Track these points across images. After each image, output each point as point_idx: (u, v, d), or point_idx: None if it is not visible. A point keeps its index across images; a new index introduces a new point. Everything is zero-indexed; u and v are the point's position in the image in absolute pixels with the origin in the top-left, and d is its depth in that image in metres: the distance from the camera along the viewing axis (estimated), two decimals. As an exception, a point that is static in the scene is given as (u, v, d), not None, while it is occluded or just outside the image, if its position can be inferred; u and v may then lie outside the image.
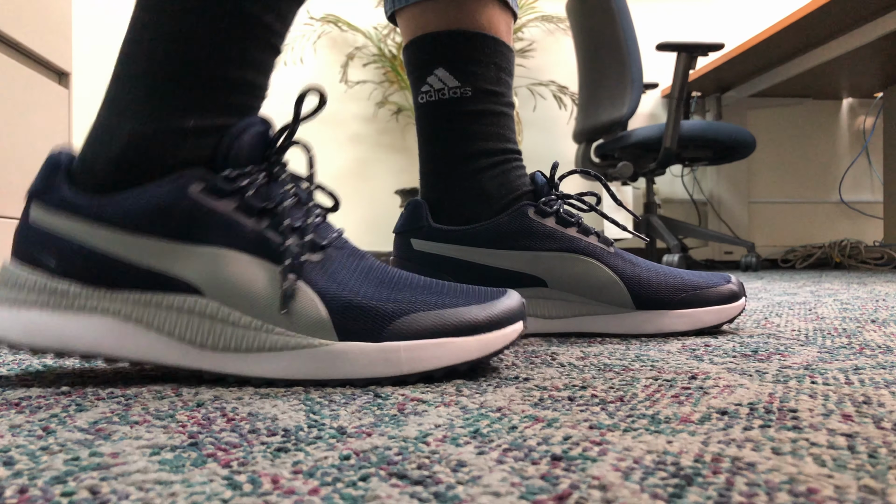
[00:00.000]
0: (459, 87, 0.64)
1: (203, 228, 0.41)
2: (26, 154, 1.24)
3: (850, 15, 1.85)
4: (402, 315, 0.42)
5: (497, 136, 0.65)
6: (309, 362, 0.41)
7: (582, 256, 0.63)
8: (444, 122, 0.65)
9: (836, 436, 0.28)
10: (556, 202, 0.64)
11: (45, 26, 1.30)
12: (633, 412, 0.33)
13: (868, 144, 2.78)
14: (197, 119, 0.42)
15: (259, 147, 0.43)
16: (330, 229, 0.45)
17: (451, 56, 0.63)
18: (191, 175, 0.41)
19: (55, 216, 0.42)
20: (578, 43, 2.36)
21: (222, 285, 0.41)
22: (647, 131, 2.13)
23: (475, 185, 0.65)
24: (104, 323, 0.41)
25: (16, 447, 0.28)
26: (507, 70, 0.66)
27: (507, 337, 0.44)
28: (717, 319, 0.63)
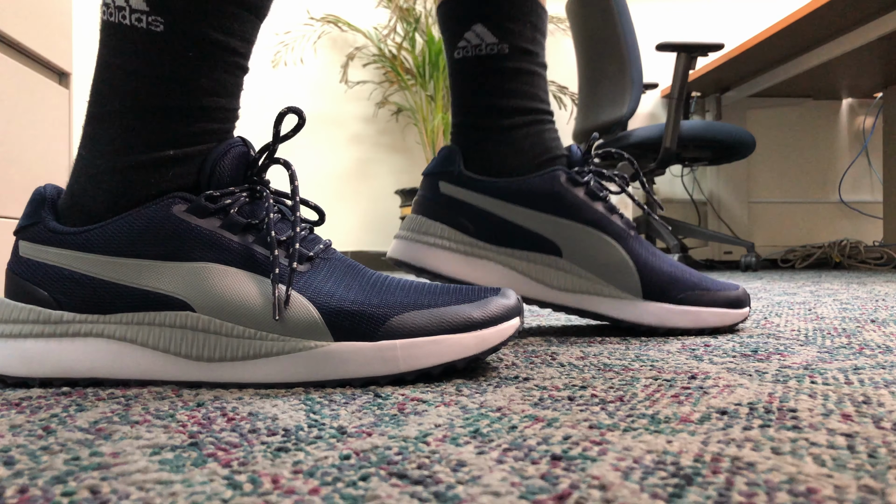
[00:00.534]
0: (497, 43, 0.64)
1: (189, 246, 0.42)
2: (26, 154, 1.24)
3: (850, 15, 1.85)
4: (396, 314, 0.42)
5: (531, 94, 0.66)
6: (305, 364, 0.41)
7: (602, 234, 0.62)
8: (480, 77, 0.65)
9: (835, 435, 0.28)
10: (588, 174, 0.64)
11: (45, 26, 1.30)
12: (632, 412, 0.33)
13: (868, 144, 2.78)
14: (175, 149, 0.43)
15: (241, 168, 0.44)
16: (317, 241, 0.46)
17: (490, 12, 0.64)
18: (174, 197, 0.42)
19: (44, 248, 0.43)
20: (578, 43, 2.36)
21: (212, 299, 0.41)
22: (647, 131, 2.14)
23: (509, 139, 0.65)
24: (100, 346, 0.42)
25: (16, 447, 0.28)
26: (541, 31, 0.66)
27: (504, 333, 0.44)
28: (719, 322, 0.63)
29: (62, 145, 1.39)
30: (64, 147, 1.39)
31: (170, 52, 0.42)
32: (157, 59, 0.42)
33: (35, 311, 0.42)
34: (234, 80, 0.45)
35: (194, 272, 0.41)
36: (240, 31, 0.44)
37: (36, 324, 0.42)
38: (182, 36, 0.42)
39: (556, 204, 0.62)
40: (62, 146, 1.38)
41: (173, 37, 0.42)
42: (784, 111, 2.75)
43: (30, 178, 1.25)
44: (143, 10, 0.41)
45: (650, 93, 2.75)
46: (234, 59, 0.44)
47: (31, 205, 0.44)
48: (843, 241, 2.54)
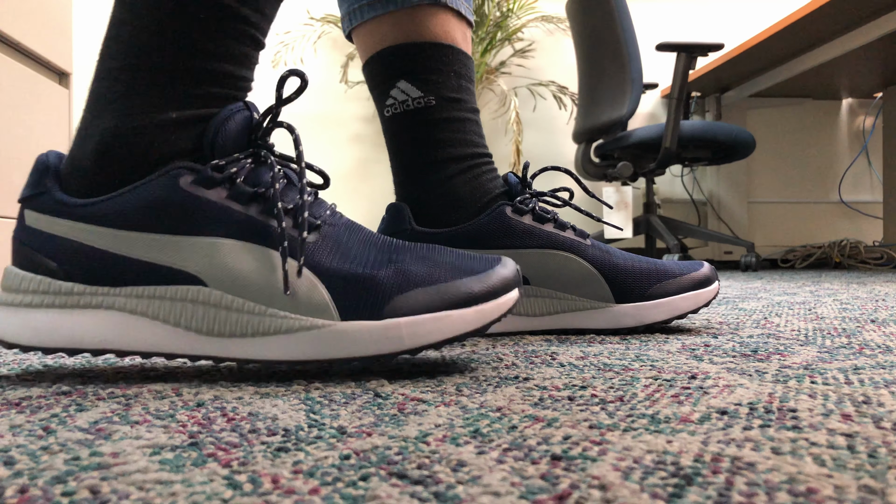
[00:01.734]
0: (423, 96, 0.65)
1: (198, 219, 0.42)
2: (26, 154, 1.24)
3: (850, 15, 1.85)
4: (400, 292, 0.42)
5: (464, 141, 0.67)
6: (313, 343, 0.41)
7: (561, 252, 0.64)
8: (411, 132, 0.66)
9: (835, 435, 0.28)
10: (531, 200, 0.66)
11: (45, 26, 1.30)
12: (632, 412, 0.33)
13: (868, 144, 2.78)
14: (178, 111, 0.42)
15: (244, 133, 0.44)
16: (322, 206, 0.46)
17: (412, 67, 0.65)
18: (180, 168, 0.42)
19: (52, 219, 0.43)
20: (578, 43, 2.36)
21: (223, 274, 0.42)
22: (647, 131, 2.14)
23: (448, 190, 0.66)
24: (110, 318, 0.42)
25: (16, 447, 0.28)
26: (467, 77, 0.67)
27: (504, 306, 0.45)
28: (694, 304, 0.65)
29: (62, 145, 1.39)
30: (64, 147, 1.39)
31: (181, 11, 0.42)
32: (167, 16, 0.42)
33: (45, 281, 0.42)
34: (243, 49, 0.45)
35: (207, 247, 0.42)
36: (253, 2, 0.44)
37: (46, 294, 0.42)
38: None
39: (508, 237, 0.64)
40: (62, 146, 1.38)
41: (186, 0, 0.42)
42: (784, 111, 2.75)
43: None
44: None
45: (650, 93, 2.75)
46: (246, 28, 0.44)
47: (35, 173, 0.44)
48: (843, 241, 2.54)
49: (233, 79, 0.45)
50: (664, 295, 0.64)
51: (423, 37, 0.64)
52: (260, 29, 0.45)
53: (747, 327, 0.68)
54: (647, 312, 0.64)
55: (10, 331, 0.43)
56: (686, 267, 0.66)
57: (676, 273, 0.65)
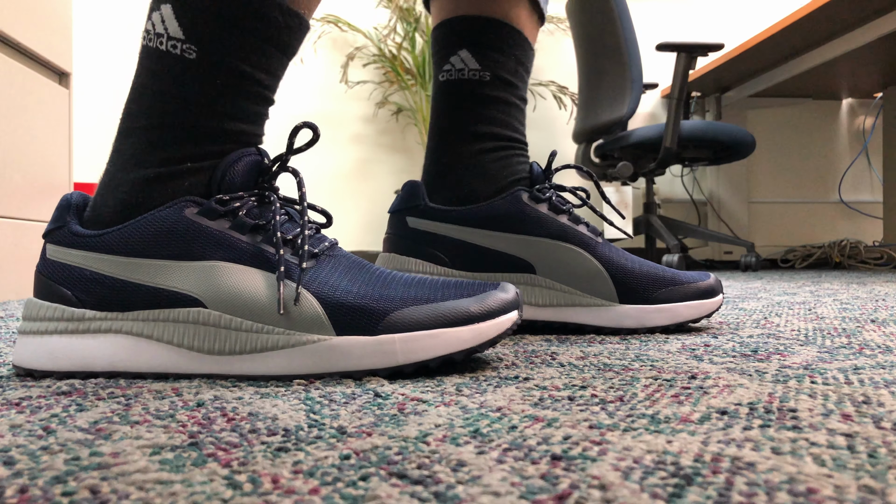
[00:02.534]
0: (479, 69, 0.66)
1: (200, 246, 0.44)
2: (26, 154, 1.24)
3: (850, 15, 1.85)
4: (396, 309, 0.43)
5: (507, 124, 0.68)
6: (308, 357, 0.43)
7: (570, 245, 0.64)
8: (459, 100, 0.67)
9: (835, 435, 0.28)
10: (549, 190, 0.66)
11: (45, 26, 1.30)
12: (632, 412, 0.33)
13: (868, 144, 2.78)
14: (195, 162, 0.45)
15: (252, 175, 0.46)
16: (322, 239, 0.48)
17: (476, 39, 0.66)
18: (187, 201, 0.45)
19: (68, 251, 0.45)
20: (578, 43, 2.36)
21: (221, 295, 0.43)
22: (647, 131, 2.13)
23: (478, 163, 0.66)
24: (119, 342, 0.44)
25: (16, 447, 0.28)
26: (525, 66, 0.69)
27: (501, 326, 0.45)
28: (697, 314, 0.65)
29: (62, 145, 1.39)
30: (64, 147, 1.39)
31: (199, 78, 0.45)
32: (187, 82, 0.45)
33: (60, 309, 0.45)
34: (257, 108, 0.47)
35: (205, 270, 0.44)
36: (266, 66, 0.47)
37: (60, 321, 0.45)
38: (212, 64, 0.45)
39: (522, 223, 0.64)
40: (62, 146, 1.38)
41: (204, 64, 0.45)
42: (784, 111, 2.75)
43: (30, 177, 1.25)
44: (180, 38, 0.45)
45: (650, 93, 2.75)
46: (259, 90, 0.47)
47: (58, 210, 0.47)
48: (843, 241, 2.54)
49: (246, 136, 0.47)
50: (668, 301, 0.64)
51: (495, 14, 0.65)
52: (271, 89, 0.48)
53: (747, 327, 0.68)
54: (649, 316, 0.64)
55: (26, 357, 0.45)
56: (693, 276, 0.66)
57: (683, 281, 0.65)
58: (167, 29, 0.45)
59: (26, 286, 1.23)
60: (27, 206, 1.25)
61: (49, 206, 1.32)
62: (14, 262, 1.20)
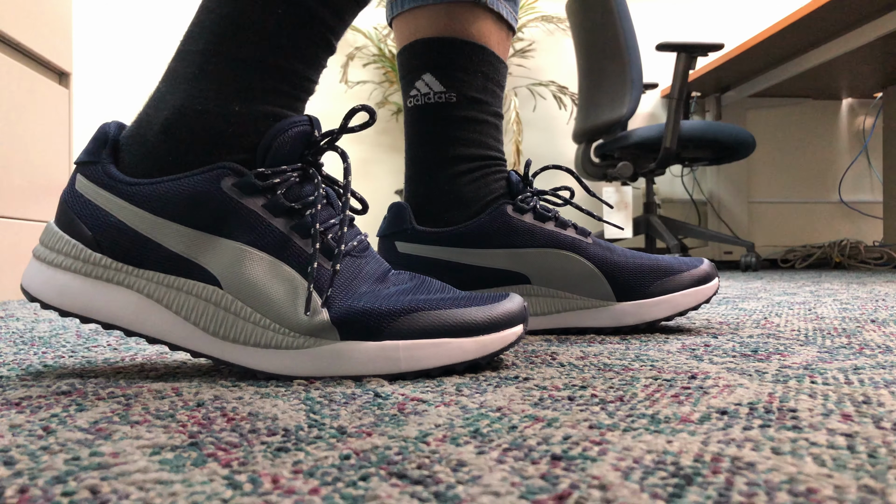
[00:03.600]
0: (444, 92, 0.65)
1: (231, 223, 0.43)
2: (26, 154, 1.24)
3: (850, 15, 1.85)
4: (401, 315, 0.43)
5: (479, 142, 0.66)
6: (310, 360, 0.42)
7: (562, 251, 0.64)
8: (428, 125, 0.66)
9: (835, 435, 0.28)
10: (531, 198, 0.66)
11: (45, 26, 1.30)
12: (632, 412, 0.33)
13: (868, 144, 2.78)
14: (242, 104, 0.44)
15: (300, 146, 0.45)
16: (355, 235, 0.47)
17: (439, 62, 0.65)
18: (225, 168, 0.43)
19: (96, 189, 0.44)
20: (578, 43, 2.35)
21: (239, 281, 0.43)
22: (647, 131, 2.13)
23: (453, 189, 0.66)
24: (128, 297, 0.44)
25: (16, 447, 0.28)
26: (495, 80, 0.67)
27: (505, 339, 0.45)
28: (695, 301, 0.65)
29: (62, 145, 1.39)
30: (64, 146, 1.39)
31: (264, 6, 0.43)
32: (249, 8, 0.43)
33: (77, 247, 0.44)
34: (316, 51, 0.46)
35: (229, 250, 0.43)
36: (334, 5, 0.45)
37: (76, 260, 0.44)
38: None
39: (509, 236, 0.64)
40: (62, 146, 1.38)
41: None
42: (784, 111, 2.75)
43: (30, 177, 1.25)
44: None
45: (650, 93, 2.75)
46: (322, 30, 0.45)
47: (94, 142, 0.45)
48: (843, 241, 2.54)
49: (299, 78, 0.45)
50: (665, 292, 0.64)
51: (455, 34, 0.64)
52: (335, 33, 0.46)
53: (747, 327, 0.68)
54: (648, 310, 0.63)
55: (35, 286, 0.45)
56: (687, 263, 0.65)
57: (677, 270, 0.64)
58: None
59: (26, 286, 1.22)
60: (27, 206, 1.25)
61: (49, 206, 1.32)
62: (14, 262, 1.20)
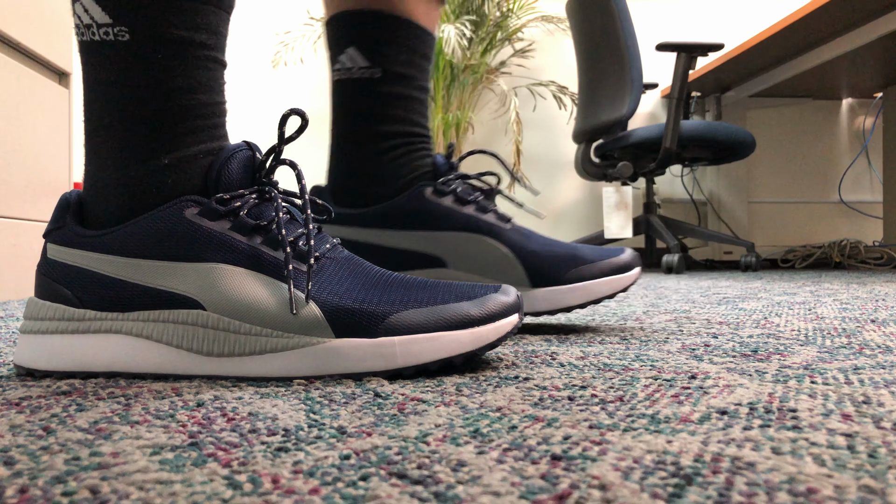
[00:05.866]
0: (368, 67, 0.63)
1: (200, 247, 0.43)
2: (26, 154, 1.24)
3: (850, 15, 1.85)
4: (395, 311, 0.43)
5: (405, 119, 0.65)
6: (307, 360, 0.43)
7: (477, 235, 0.63)
8: (351, 101, 0.65)
9: (835, 435, 0.28)
10: (454, 182, 0.65)
11: (45, 26, 1.30)
12: (632, 412, 0.33)
13: (868, 144, 2.78)
14: (167, 155, 0.44)
15: (248, 171, 0.46)
16: (325, 240, 0.47)
17: (363, 35, 0.63)
18: (186, 201, 0.44)
19: (68, 250, 0.45)
20: (578, 43, 2.36)
21: (221, 298, 0.43)
22: (647, 131, 2.13)
23: (375, 166, 0.65)
24: (119, 342, 0.44)
25: (16, 447, 0.28)
26: (422, 54, 0.65)
27: (501, 329, 0.45)
28: (611, 289, 0.64)
29: (62, 145, 1.39)
30: (64, 147, 1.39)
31: (140, 59, 0.43)
32: (130, 67, 0.44)
33: (60, 308, 0.45)
34: (209, 74, 0.46)
35: (205, 272, 0.43)
36: (205, 25, 0.45)
37: (61, 321, 0.45)
38: (148, 40, 0.43)
39: (426, 218, 0.63)
40: (62, 146, 1.38)
41: (140, 43, 0.43)
42: (784, 111, 2.75)
43: (30, 177, 1.25)
44: (108, 22, 0.43)
45: (650, 93, 2.75)
46: (205, 52, 0.45)
47: (58, 209, 0.46)
48: (843, 241, 2.54)
49: (208, 106, 0.46)
50: (580, 279, 0.63)
51: (380, 6, 0.63)
52: (219, 49, 0.46)
53: (747, 327, 0.68)
54: (562, 297, 0.63)
55: (27, 356, 0.45)
56: (605, 252, 0.65)
57: (594, 259, 0.64)
58: (93, 18, 0.43)
59: (26, 286, 1.23)
60: (27, 206, 1.25)
61: (49, 205, 1.32)
62: (14, 262, 1.20)
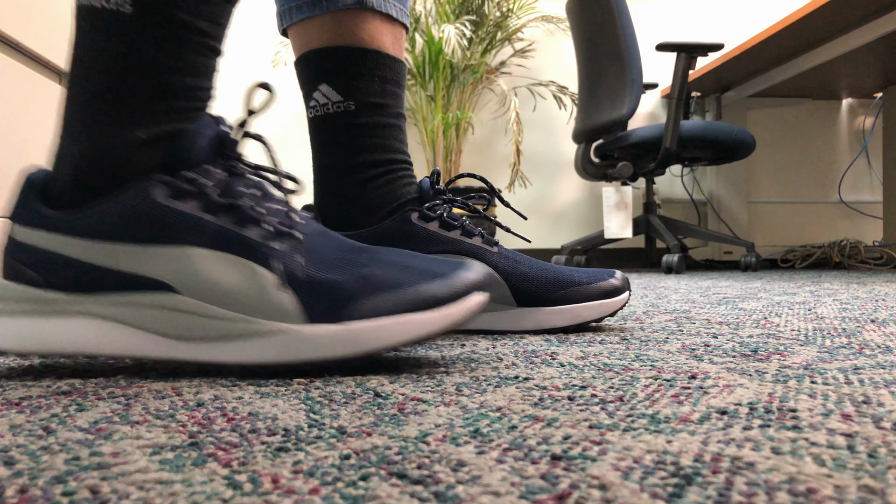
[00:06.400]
0: (342, 101, 0.65)
1: (170, 230, 0.43)
2: (26, 154, 1.24)
3: (850, 15, 1.85)
4: (364, 296, 0.43)
5: (383, 147, 0.67)
6: (277, 346, 0.43)
7: (464, 258, 0.65)
8: (331, 135, 0.67)
9: (835, 435, 0.28)
10: (440, 206, 0.67)
11: (45, 26, 1.30)
12: (632, 412, 0.33)
13: (867, 144, 2.78)
14: (145, 129, 0.44)
15: (215, 147, 0.45)
16: (296, 215, 0.47)
17: (332, 72, 0.65)
18: (154, 180, 0.44)
19: (35, 232, 0.44)
20: (578, 43, 2.36)
21: (194, 281, 0.43)
22: (647, 131, 2.14)
23: (359, 195, 0.66)
24: (86, 324, 0.44)
25: (16, 447, 0.28)
26: (393, 81, 0.67)
27: (468, 308, 0.45)
28: (597, 314, 0.65)
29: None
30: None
31: (138, 32, 0.43)
32: (126, 39, 0.44)
33: (27, 290, 0.44)
34: (202, 60, 0.46)
35: (177, 256, 0.43)
36: (208, 13, 0.45)
37: (27, 302, 0.44)
38: (150, 16, 0.43)
39: (411, 243, 0.65)
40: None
41: (141, 17, 0.43)
42: (784, 111, 2.75)
43: (30, 177, 1.25)
44: None
45: (650, 93, 2.75)
46: (203, 39, 0.45)
47: (22, 191, 0.46)
48: (843, 241, 2.54)
49: (194, 90, 0.46)
50: (566, 302, 0.65)
51: (347, 41, 0.64)
52: (217, 38, 0.47)
53: (747, 327, 0.68)
54: (546, 317, 0.65)
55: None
56: (594, 276, 0.66)
57: (582, 282, 0.65)
58: None
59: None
60: (27, 206, 1.25)
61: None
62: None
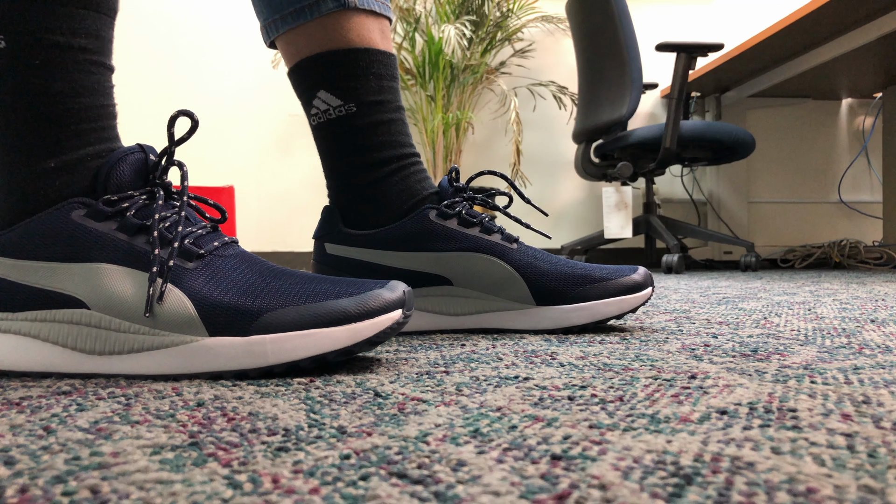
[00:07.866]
0: (343, 104, 0.65)
1: (85, 248, 0.45)
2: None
3: (850, 15, 1.85)
4: (270, 310, 0.44)
5: (390, 143, 0.67)
6: (179, 357, 0.43)
7: (482, 254, 0.65)
8: (337, 139, 0.67)
9: (835, 435, 0.28)
10: (459, 204, 0.67)
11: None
12: (632, 412, 0.33)
13: (867, 144, 2.79)
14: (55, 158, 0.45)
15: (140, 173, 0.47)
16: (215, 238, 0.48)
17: (328, 77, 0.65)
18: (73, 202, 0.45)
19: None
20: (578, 43, 2.36)
21: (102, 296, 0.44)
22: (647, 131, 2.14)
23: (377, 193, 0.67)
24: (7, 341, 0.45)
25: (17, 447, 0.28)
26: (388, 76, 0.67)
27: (378, 325, 0.45)
28: (618, 310, 0.64)
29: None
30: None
31: (19, 64, 0.44)
32: (9, 72, 0.44)
33: None
34: (92, 78, 0.46)
35: (88, 272, 0.44)
36: (84, 30, 0.45)
37: None
38: (26, 46, 0.44)
39: (431, 240, 0.65)
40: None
41: (18, 48, 0.44)
42: (784, 111, 2.75)
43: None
44: None
45: (650, 93, 2.75)
46: (86, 56, 0.46)
47: None
48: (842, 241, 2.54)
49: (92, 109, 0.46)
50: (585, 299, 0.64)
51: (336, 44, 0.64)
52: (102, 52, 0.47)
53: (747, 327, 0.68)
54: (565, 315, 0.64)
55: None
56: (615, 272, 0.65)
57: (602, 278, 0.65)
58: None
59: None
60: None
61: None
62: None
